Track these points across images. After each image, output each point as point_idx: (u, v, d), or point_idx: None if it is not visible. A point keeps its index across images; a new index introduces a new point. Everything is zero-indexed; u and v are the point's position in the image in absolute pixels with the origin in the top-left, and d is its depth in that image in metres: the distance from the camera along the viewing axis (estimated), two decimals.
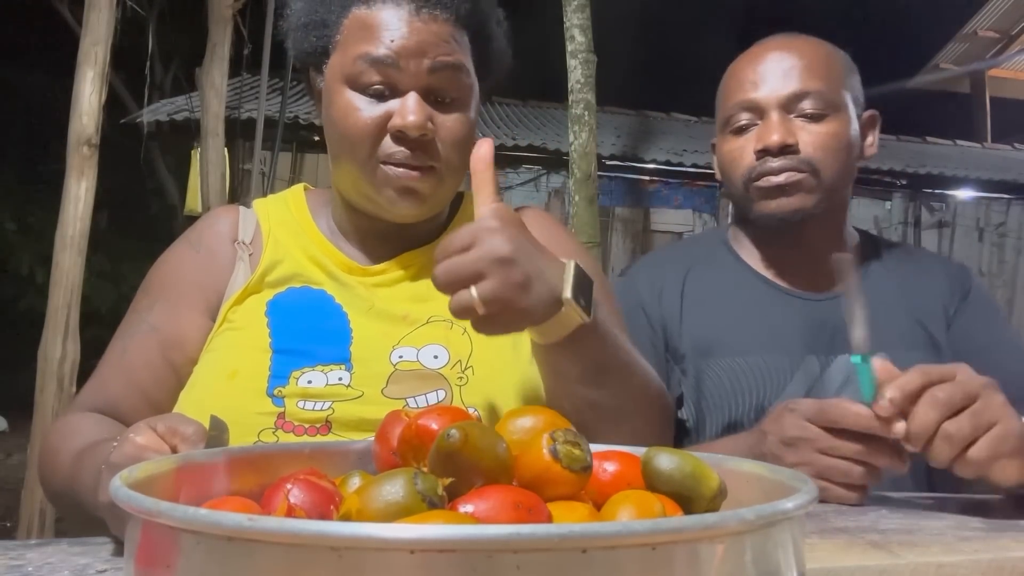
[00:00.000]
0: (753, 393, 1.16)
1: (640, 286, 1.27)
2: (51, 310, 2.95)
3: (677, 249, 1.35)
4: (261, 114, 5.00)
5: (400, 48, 0.87)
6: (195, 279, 0.95)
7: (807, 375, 1.15)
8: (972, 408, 0.79)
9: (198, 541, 0.35)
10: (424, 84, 0.88)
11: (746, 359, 1.17)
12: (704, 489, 0.49)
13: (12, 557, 0.60)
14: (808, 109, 1.15)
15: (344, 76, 0.89)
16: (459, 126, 0.91)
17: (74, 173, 2.96)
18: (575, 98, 4.25)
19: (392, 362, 0.88)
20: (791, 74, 1.15)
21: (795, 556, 0.40)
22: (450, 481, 0.45)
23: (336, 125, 0.91)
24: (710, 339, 1.19)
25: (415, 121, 0.86)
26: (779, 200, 1.15)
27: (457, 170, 0.93)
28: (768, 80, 1.16)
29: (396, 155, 0.88)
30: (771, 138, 1.14)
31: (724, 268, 1.26)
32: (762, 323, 1.19)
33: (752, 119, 1.17)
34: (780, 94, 1.15)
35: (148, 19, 5.16)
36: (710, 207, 7.79)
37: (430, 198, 0.92)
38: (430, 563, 0.32)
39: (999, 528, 0.76)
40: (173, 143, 7.43)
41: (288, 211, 1.01)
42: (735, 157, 1.19)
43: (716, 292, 1.23)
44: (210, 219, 1.02)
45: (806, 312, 1.19)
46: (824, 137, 1.14)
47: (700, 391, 1.18)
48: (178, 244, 1.00)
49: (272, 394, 0.85)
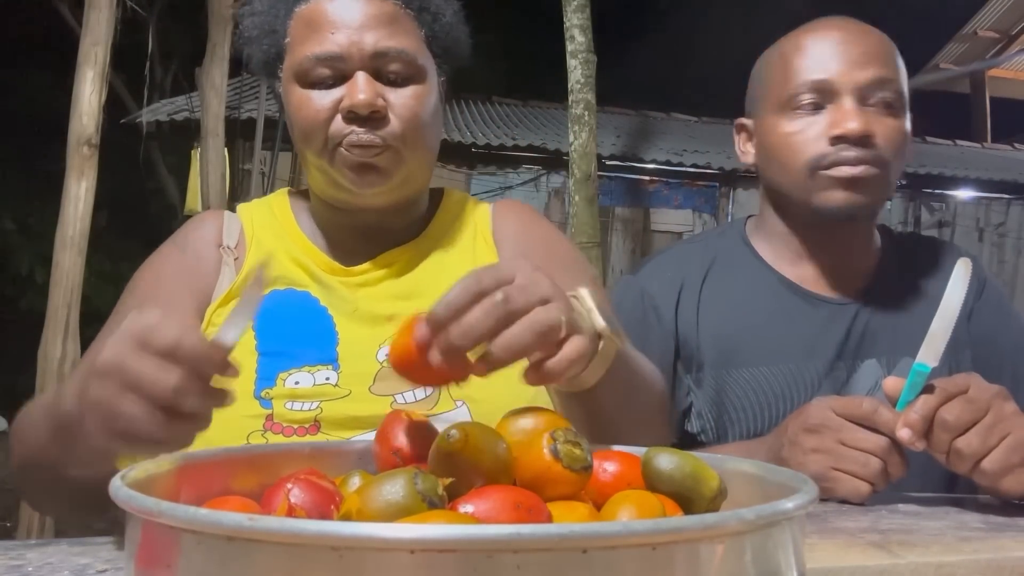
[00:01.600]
0: (780, 404, 1.10)
1: (653, 288, 1.17)
2: (51, 310, 2.95)
3: (692, 248, 1.25)
4: (261, 114, 5.00)
5: (343, 39, 0.88)
6: (183, 282, 0.95)
7: (834, 383, 1.11)
8: (982, 422, 0.80)
9: (198, 541, 0.35)
10: (371, 66, 0.89)
11: (771, 369, 1.11)
12: (704, 489, 0.49)
13: (12, 557, 0.60)
14: (886, 98, 1.06)
15: (295, 75, 0.91)
16: (413, 102, 0.90)
17: (74, 173, 2.96)
18: (575, 98, 4.25)
19: (379, 360, 0.88)
20: (868, 59, 1.06)
21: (795, 556, 0.40)
22: (450, 481, 0.45)
23: (293, 121, 0.92)
24: (731, 348, 1.12)
25: (364, 99, 0.86)
26: (849, 193, 1.06)
27: (416, 147, 0.92)
28: (843, 61, 1.06)
29: (350, 135, 0.88)
30: (851, 125, 1.04)
31: (744, 269, 1.18)
32: (787, 330, 1.13)
33: (820, 100, 1.07)
34: (859, 79, 1.05)
35: (148, 19, 5.16)
36: (710, 207, 7.79)
37: (391, 175, 0.91)
38: (430, 563, 0.32)
39: (999, 528, 0.76)
40: (173, 143, 7.43)
41: (271, 214, 1.02)
42: (798, 140, 1.08)
43: (736, 297, 1.16)
44: (195, 224, 1.02)
45: (831, 317, 1.13)
46: (897, 133, 1.07)
47: (721, 403, 1.12)
48: (164, 248, 1.00)
49: (260, 396, 0.85)
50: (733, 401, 1.12)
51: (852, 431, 0.86)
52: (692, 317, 1.15)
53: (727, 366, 1.12)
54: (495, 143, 7.38)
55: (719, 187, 7.71)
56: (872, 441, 0.85)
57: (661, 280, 1.18)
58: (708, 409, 1.13)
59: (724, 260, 1.20)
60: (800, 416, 0.91)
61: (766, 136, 1.13)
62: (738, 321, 1.14)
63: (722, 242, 1.23)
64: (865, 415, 0.86)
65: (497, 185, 7.44)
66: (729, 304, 1.15)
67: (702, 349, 1.13)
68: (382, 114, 0.88)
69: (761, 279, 1.17)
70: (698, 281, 1.17)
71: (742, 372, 1.12)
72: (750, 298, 1.15)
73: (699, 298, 1.16)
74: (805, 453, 0.89)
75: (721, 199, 7.75)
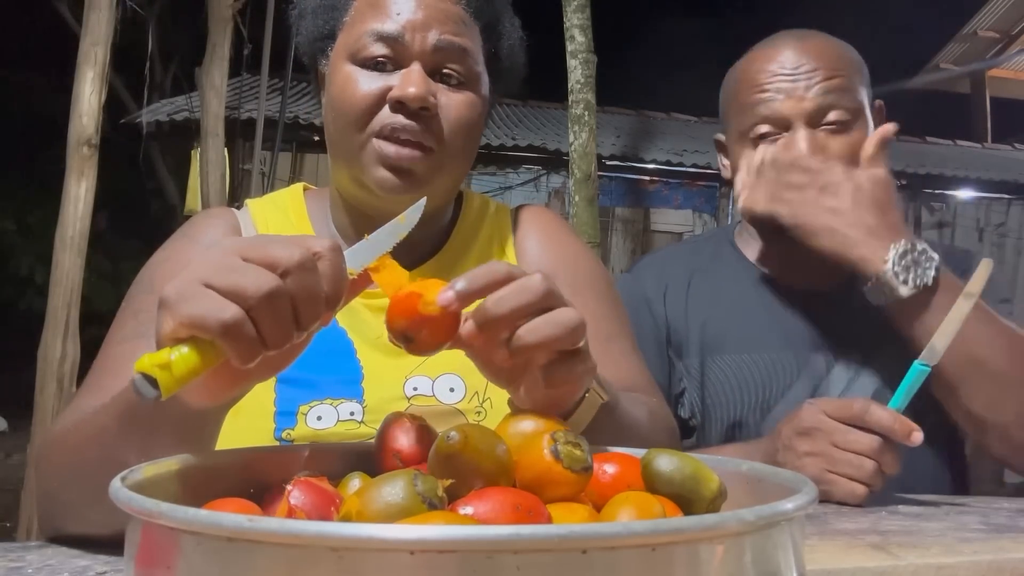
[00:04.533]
0: (758, 390, 1.16)
1: (645, 283, 1.26)
2: (51, 310, 2.95)
3: (683, 248, 1.36)
4: (261, 114, 5.00)
5: (406, 22, 0.84)
6: None
7: (813, 374, 1.15)
8: None
9: (198, 542, 0.35)
10: (430, 60, 0.84)
11: (751, 356, 1.17)
12: (704, 491, 0.48)
13: (12, 559, 0.60)
14: (834, 120, 1.11)
15: (348, 52, 0.86)
16: (465, 107, 0.85)
17: (74, 173, 2.96)
18: (575, 98, 4.24)
19: (406, 395, 0.85)
20: (813, 82, 1.11)
21: (795, 557, 0.40)
22: (450, 483, 0.45)
23: (334, 100, 0.86)
24: (715, 336, 1.19)
25: (416, 92, 0.81)
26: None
27: (459, 158, 0.87)
28: (791, 89, 1.11)
29: (392, 126, 0.82)
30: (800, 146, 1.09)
31: (730, 267, 1.26)
32: (767, 321, 1.19)
33: (775, 130, 1.13)
34: (806, 108, 1.10)
35: (148, 19, 5.16)
36: (710, 207, 7.79)
37: (425, 184, 0.84)
38: (430, 564, 0.32)
39: (999, 529, 0.76)
40: (173, 143, 7.42)
41: (286, 218, 0.95)
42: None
43: (721, 290, 1.23)
44: (207, 219, 0.94)
45: (811, 310, 1.18)
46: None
47: (704, 388, 1.19)
48: (176, 243, 0.91)
49: (280, 438, 0.81)
50: (716, 386, 1.18)
51: (844, 433, 0.88)
52: (681, 308, 1.23)
53: (711, 353, 1.19)
54: (495, 143, 7.37)
55: (719, 187, 7.71)
56: (864, 442, 0.87)
57: (649, 276, 1.28)
58: (696, 393, 1.20)
59: (712, 258, 1.29)
60: (793, 420, 0.92)
61: (734, 161, 1.19)
62: (722, 312, 1.21)
63: (710, 244, 1.33)
64: (856, 416, 0.88)
65: (497, 185, 7.44)
66: (714, 297, 1.23)
67: (690, 337, 1.21)
68: (432, 112, 0.83)
69: (743, 274, 1.25)
70: (685, 277, 1.26)
71: (724, 359, 1.18)
72: (733, 291, 1.23)
73: (687, 292, 1.24)
74: (799, 457, 0.90)
75: (721, 199, 7.74)
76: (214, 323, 0.48)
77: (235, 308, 0.48)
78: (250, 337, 0.49)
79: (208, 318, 0.48)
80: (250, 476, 0.53)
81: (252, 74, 5.84)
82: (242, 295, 0.49)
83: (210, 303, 0.49)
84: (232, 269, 0.50)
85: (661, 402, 0.90)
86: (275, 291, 0.49)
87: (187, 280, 0.50)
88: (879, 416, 0.86)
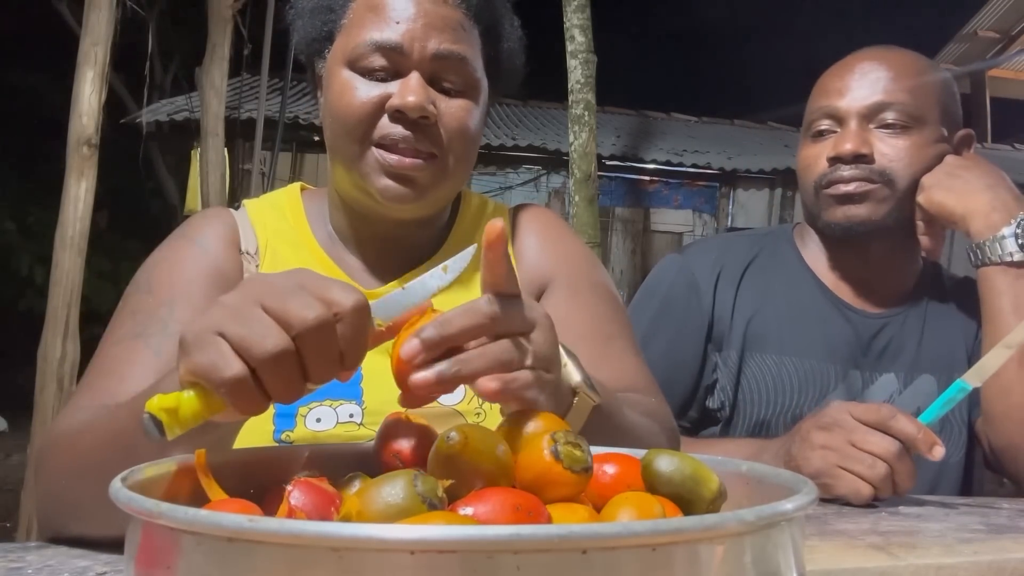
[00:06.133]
0: (792, 395, 1.17)
1: (697, 266, 1.26)
2: (51, 310, 2.95)
3: (741, 238, 1.35)
4: (261, 114, 5.00)
5: (405, 31, 0.83)
6: (211, 280, 0.86)
7: (849, 389, 1.16)
8: None
9: (198, 542, 0.35)
10: (428, 68, 0.84)
11: (791, 360, 1.18)
12: (704, 491, 0.48)
13: (12, 560, 0.59)
14: (889, 120, 1.14)
15: (346, 58, 0.85)
16: (464, 114, 0.85)
17: (74, 173, 2.96)
18: (575, 98, 4.25)
19: None
20: (876, 85, 1.15)
21: (795, 558, 0.39)
22: (450, 483, 0.45)
23: (332, 107, 0.86)
24: (759, 333, 1.20)
25: (415, 101, 0.81)
26: (846, 208, 1.15)
27: (460, 164, 0.87)
28: (852, 89, 1.16)
29: (392, 136, 0.82)
30: (844, 146, 1.14)
31: (785, 266, 1.27)
32: (814, 328, 1.20)
33: (832, 126, 1.18)
34: (861, 104, 1.15)
35: (148, 19, 5.16)
36: (710, 207, 7.79)
37: (428, 191, 0.85)
38: (430, 564, 0.32)
39: (999, 530, 0.76)
40: (173, 143, 7.44)
41: (284, 219, 0.95)
42: (810, 163, 1.20)
43: (774, 288, 1.24)
44: (205, 220, 0.93)
45: (857, 327, 1.20)
46: (902, 149, 1.14)
47: (739, 383, 1.19)
48: (174, 243, 0.90)
49: (280, 439, 0.81)
50: (751, 382, 1.18)
51: (864, 433, 0.87)
52: (730, 299, 1.23)
53: (752, 350, 1.20)
54: (495, 143, 7.38)
55: (719, 187, 7.71)
56: (883, 445, 0.86)
57: (703, 261, 1.27)
58: (729, 387, 1.20)
59: (769, 254, 1.29)
60: (816, 415, 0.93)
61: (797, 158, 1.26)
62: (770, 310, 1.22)
63: (769, 239, 1.32)
64: (882, 420, 0.87)
65: (497, 185, 7.44)
66: (765, 294, 1.23)
67: (734, 330, 1.21)
68: (431, 121, 0.83)
69: (798, 276, 1.25)
70: (740, 268, 1.26)
71: (764, 358, 1.19)
72: (785, 292, 1.23)
73: (739, 284, 1.24)
74: (812, 448, 0.89)
75: (721, 199, 7.75)
76: (216, 378, 0.48)
77: (239, 365, 0.48)
78: (251, 393, 0.49)
79: (211, 372, 0.48)
80: (250, 476, 0.53)
81: (252, 74, 5.84)
82: (248, 352, 0.48)
83: (216, 356, 0.49)
84: (245, 320, 0.49)
85: (661, 402, 0.90)
86: (283, 353, 0.49)
87: (203, 326, 0.50)
88: (904, 424, 0.86)
